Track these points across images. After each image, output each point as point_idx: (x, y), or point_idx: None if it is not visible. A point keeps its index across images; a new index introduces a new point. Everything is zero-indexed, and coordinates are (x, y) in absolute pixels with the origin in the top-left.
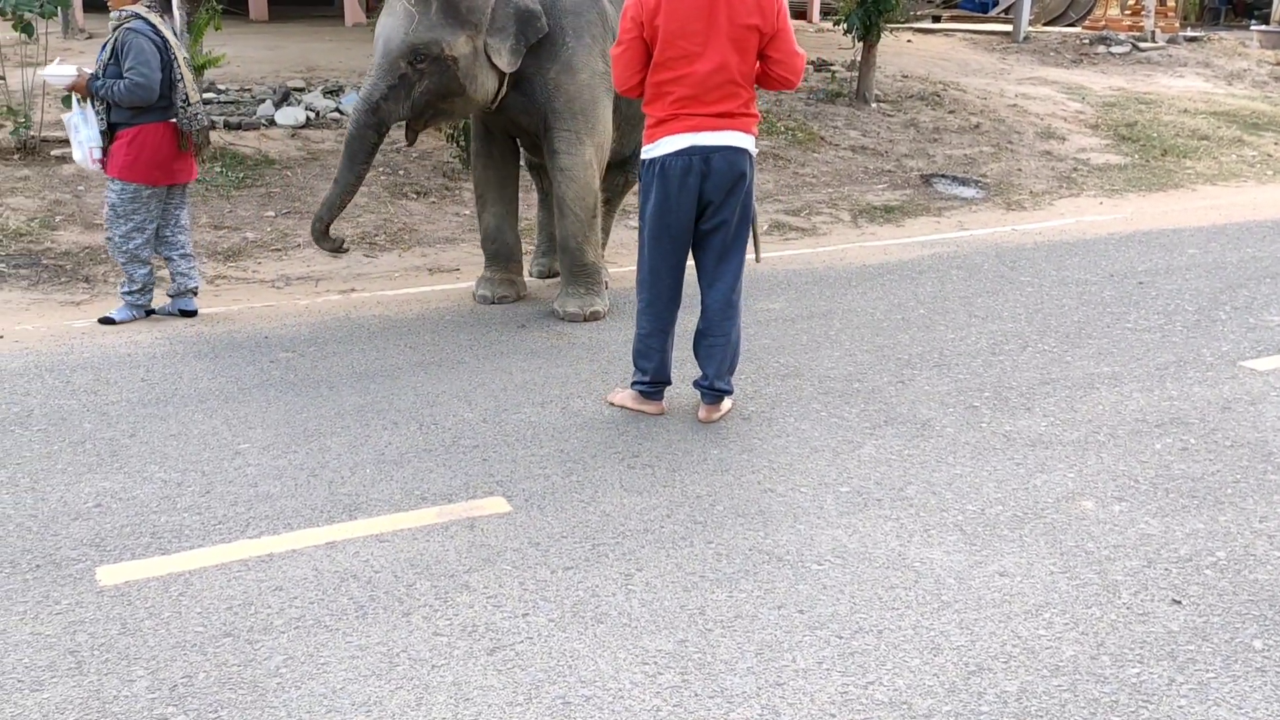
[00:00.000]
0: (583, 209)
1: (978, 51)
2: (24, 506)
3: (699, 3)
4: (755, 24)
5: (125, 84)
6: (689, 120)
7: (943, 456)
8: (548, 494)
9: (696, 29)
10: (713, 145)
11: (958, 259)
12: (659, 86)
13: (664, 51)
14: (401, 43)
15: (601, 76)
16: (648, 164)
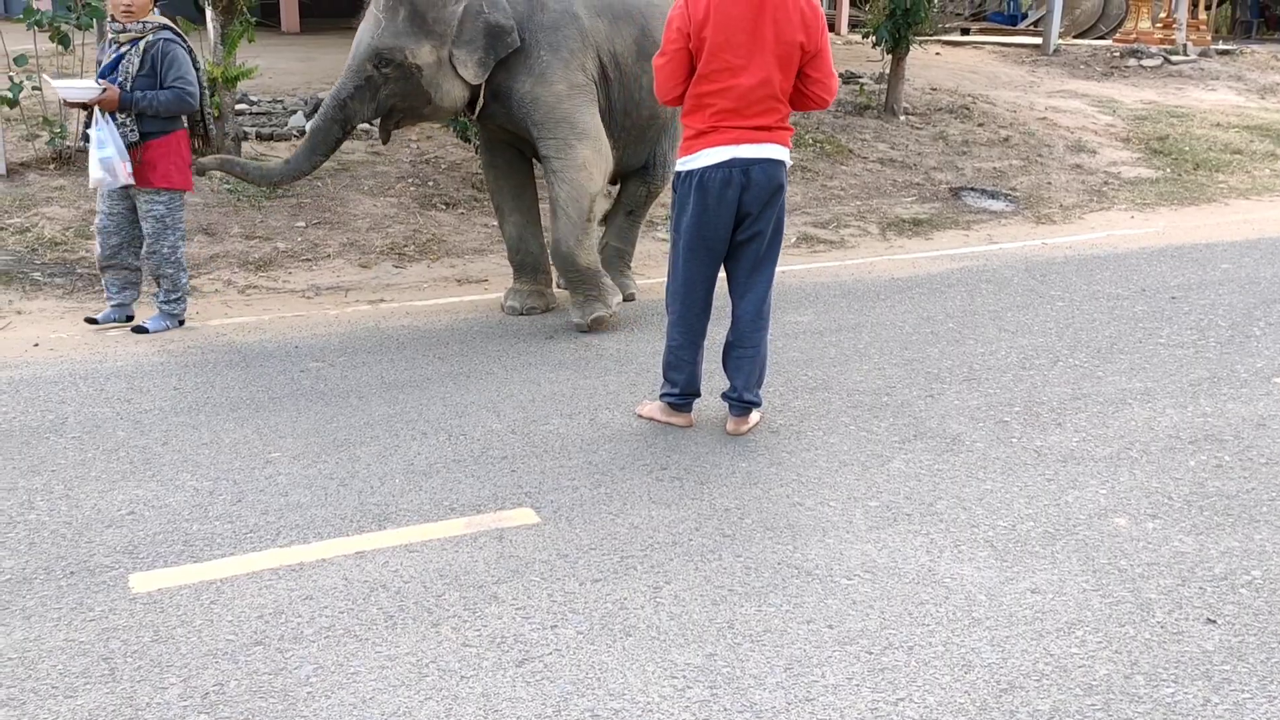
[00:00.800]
0: (577, 211)
1: (1007, 64)
2: (59, 513)
3: (747, 17)
4: (800, 41)
5: (172, 94)
6: (730, 133)
7: (973, 472)
8: (576, 506)
9: (742, 42)
10: (752, 158)
11: (987, 272)
12: (701, 98)
13: (709, 64)
14: (368, 47)
15: (581, 89)
16: (685, 175)
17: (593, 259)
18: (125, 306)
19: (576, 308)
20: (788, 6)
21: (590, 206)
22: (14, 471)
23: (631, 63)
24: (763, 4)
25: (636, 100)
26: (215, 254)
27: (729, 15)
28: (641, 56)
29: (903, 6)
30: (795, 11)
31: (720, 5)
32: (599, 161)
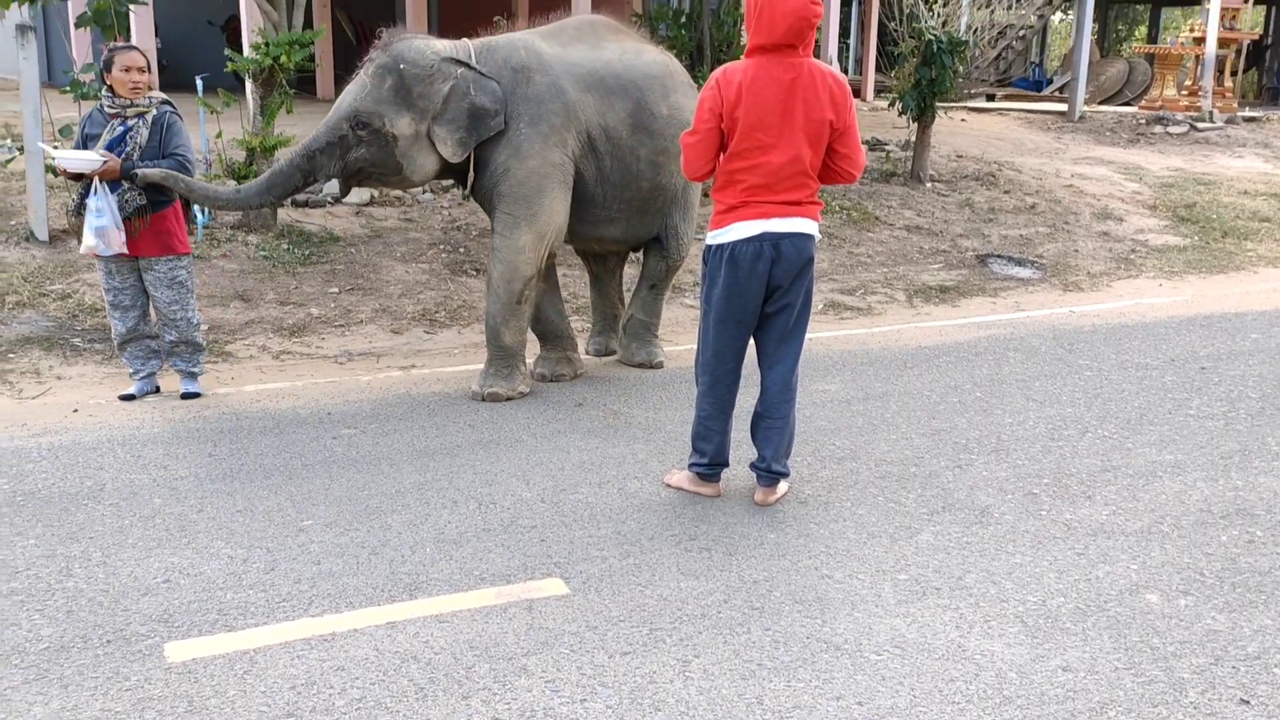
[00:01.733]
0: (506, 291)
1: (1033, 130)
2: (96, 581)
3: (777, 96)
4: (830, 119)
5: (174, 162)
6: (760, 207)
7: (1002, 545)
8: (605, 576)
9: (773, 122)
10: (783, 232)
11: (1014, 341)
12: (732, 174)
13: (741, 142)
14: (349, 107)
15: (555, 167)
16: (716, 249)
17: (518, 339)
18: (152, 377)
19: (481, 376)
20: (817, 85)
21: (522, 290)
22: (53, 538)
23: (626, 136)
24: (794, 83)
25: (634, 173)
26: (250, 320)
27: (761, 95)
28: (637, 130)
29: (928, 76)
30: (824, 90)
31: (752, 86)
32: (539, 247)
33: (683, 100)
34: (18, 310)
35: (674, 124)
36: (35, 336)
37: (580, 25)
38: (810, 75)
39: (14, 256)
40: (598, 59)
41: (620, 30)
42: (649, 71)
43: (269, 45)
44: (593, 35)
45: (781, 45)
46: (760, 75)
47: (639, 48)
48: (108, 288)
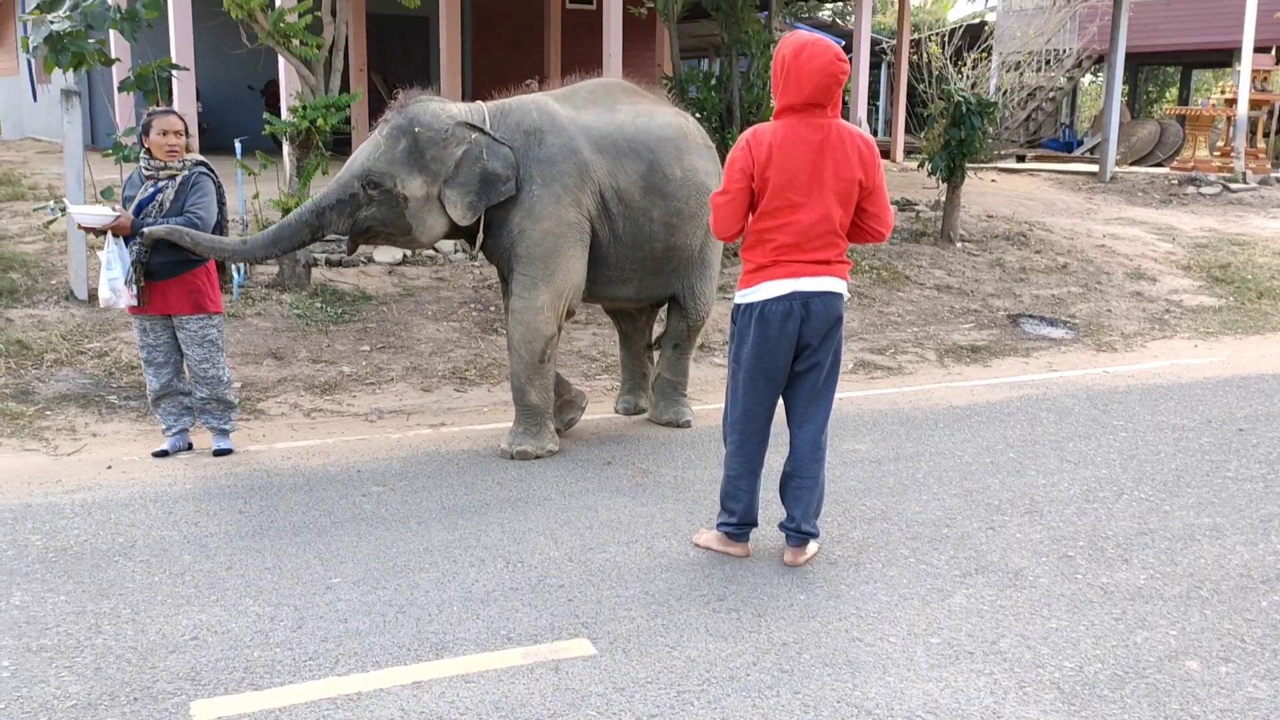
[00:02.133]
0: (529, 351)
1: (1063, 191)
2: (125, 638)
3: (808, 156)
4: (859, 178)
5: (183, 220)
6: (790, 266)
7: (1037, 609)
8: (633, 637)
9: (803, 181)
10: (812, 290)
11: (1047, 401)
12: (761, 234)
13: (771, 201)
14: (361, 166)
15: (571, 226)
16: (745, 308)
17: (544, 397)
18: (185, 434)
19: (510, 434)
20: (846, 146)
21: (543, 349)
22: (84, 595)
23: (638, 197)
24: (823, 144)
25: (647, 234)
26: (283, 378)
27: (792, 155)
28: (650, 191)
29: (957, 137)
30: (854, 151)
31: (783, 146)
32: (557, 305)
33: (697, 162)
34: (56, 368)
35: (688, 186)
36: (72, 394)
37: (595, 88)
38: (839, 135)
39: (54, 315)
40: (610, 121)
41: (636, 92)
42: (662, 134)
43: (306, 108)
44: (607, 98)
45: (810, 104)
46: (790, 135)
47: (653, 110)
48: (142, 344)
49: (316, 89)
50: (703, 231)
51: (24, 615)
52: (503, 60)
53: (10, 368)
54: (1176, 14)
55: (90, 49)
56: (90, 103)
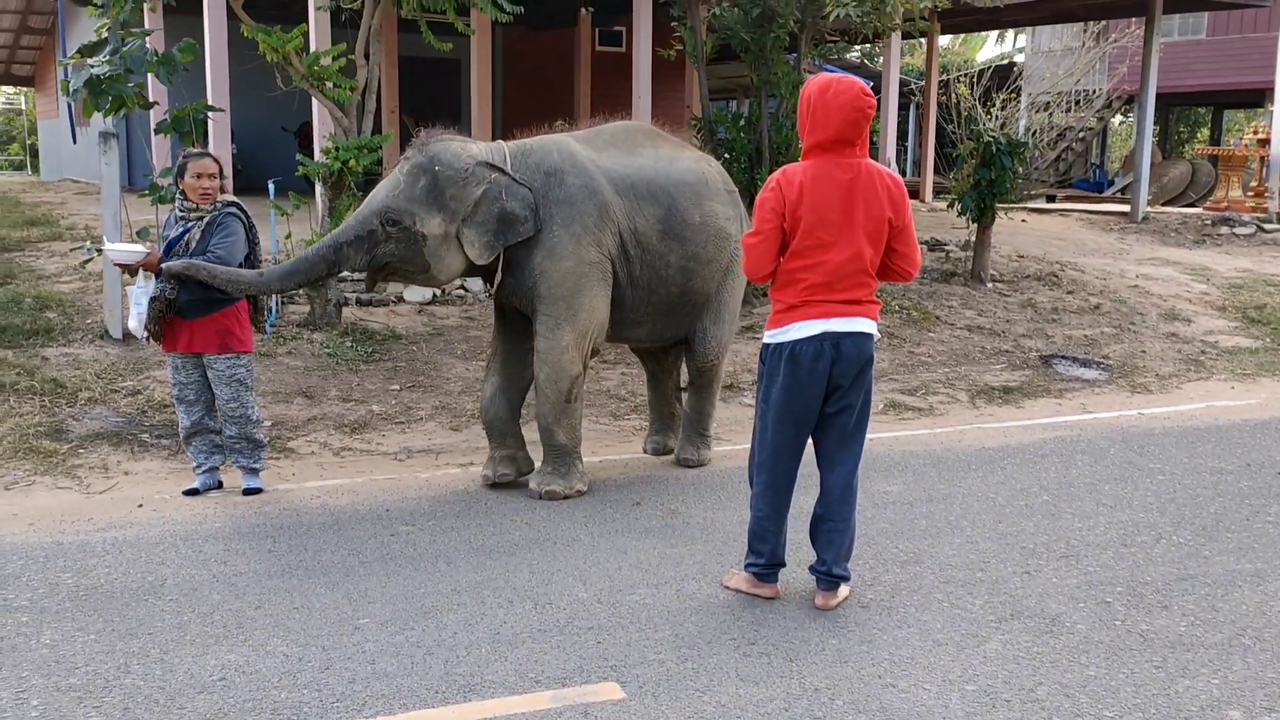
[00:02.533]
0: (554, 391)
1: (1095, 231)
2: (153, 678)
3: (838, 195)
4: (889, 217)
5: (204, 259)
6: (821, 306)
7: (1075, 656)
8: (662, 681)
9: (834, 220)
10: (844, 331)
11: (1082, 443)
12: (792, 274)
13: (802, 241)
14: (381, 203)
15: (593, 265)
16: (775, 348)
17: (572, 436)
18: (215, 471)
19: (540, 475)
20: (875, 185)
21: (569, 389)
22: (113, 634)
23: (656, 241)
24: (853, 183)
25: (663, 278)
26: (313, 416)
27: (823, 195)
28: (667, 236)
29: (987, 177)
30: (883, 190)
31: (814, 186)
32: (582, 345)
33: (716, 208)
34: (89, 406)
35: (706, 231)
36: (105, 432)
37: (617, 131)
38: (869, 175)
39: (89, 354)
40: (630, 164)
41: (659, 136)
42: (682, 179)
43: (339, 150)
44: (628, 141)
45: (839, 141)
46: (820, 175)
47: (675, 154)
48: (174, 382)
49: (349, 130)
50: (720, 276)
51: (53, 654)
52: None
53: (45, 406)
54: (1207, 55)
55: (129, 92)
56: (128, 145)
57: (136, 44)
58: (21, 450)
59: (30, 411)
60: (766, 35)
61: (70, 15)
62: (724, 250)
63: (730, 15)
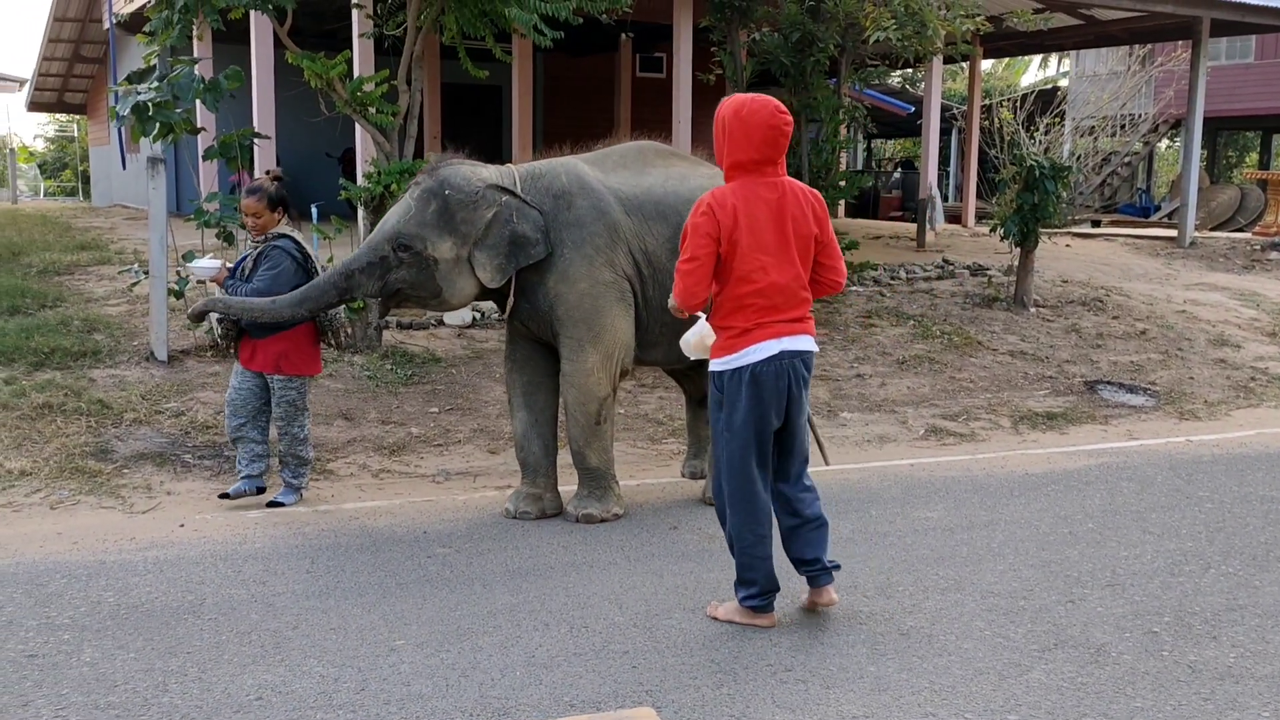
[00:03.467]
0: (584, 414)
1: (1141, 256)
2: (190, 697)
3: (770, 217)
4: (815, 233)
5: (247, 288)
6: (774, 327)
7: (1121, 687)
8: (698, 707)
9: (771, 241)
10: (796, 350)
11: (1128, 470)
12: (740, 299)
13: (745, 264)
14: (392, 228)
15: (608, 286)
16: (734, 374)
17: (604, 459)
18: (255, 478)
19: (576, 499)
20: (800, 202)
21: (598, 411)
22: (152, 652)
23: (665, 260)
24: (780, 202)
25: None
26: (352, 438)
27: (757, 218)
28: (676, 254)
29: (1030, 201)
30: (807, 207)
31: (746, 208)
32: (608, 365)
33: None
34: (134, 427)
35: None
36: (149, 452)
37: (627, 152)
38: (793, 192)
39: (134, 375)
40: (639, 184)
41: (671, 155)
42: (692, 197)
43: (381, 174)
44: (638, 161)
45: (761, 161)
46: (751, 197)
47: (686, 172)
48: (230, 385)
49: (391, 155)
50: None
51: (93, 672)
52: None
53: (91, 426)
54: (1256, 78)
55: (176, 119)
56: (176, 171)
57: (184, 71)
58: (68, 470)
59: (77, 432)
60: (807, 60)
61: (122, 44)
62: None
63: (770, 40)
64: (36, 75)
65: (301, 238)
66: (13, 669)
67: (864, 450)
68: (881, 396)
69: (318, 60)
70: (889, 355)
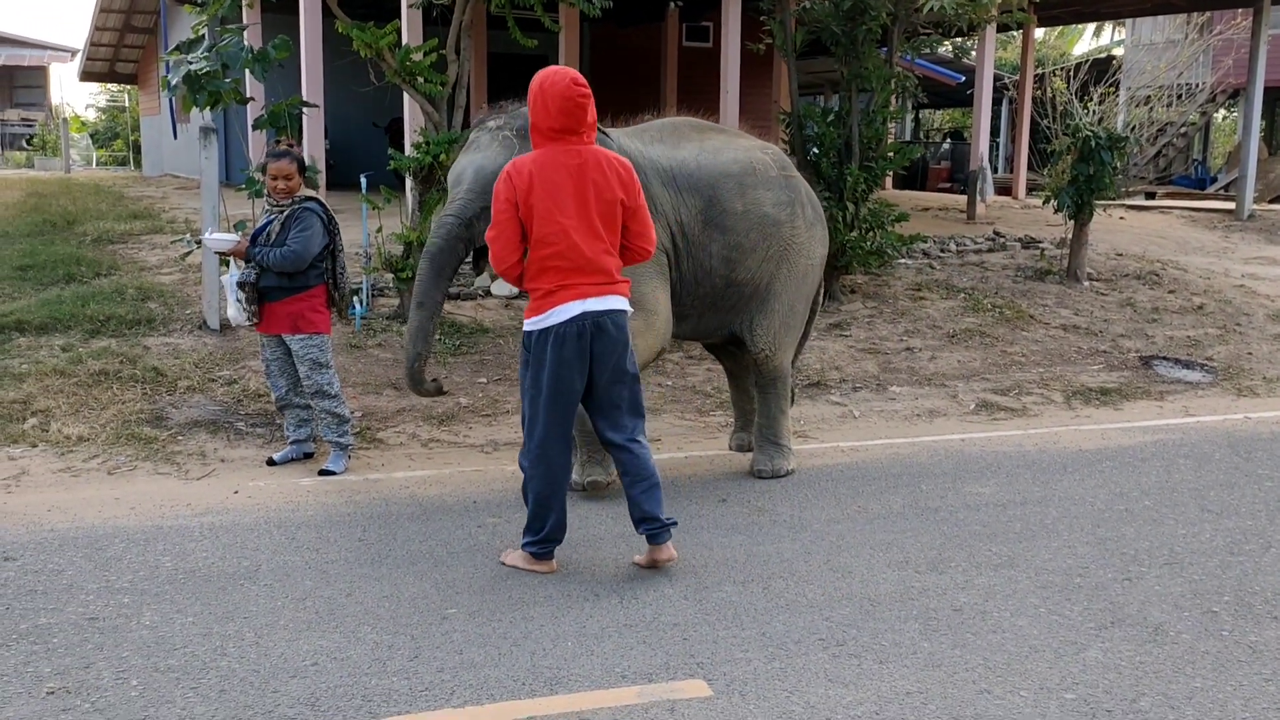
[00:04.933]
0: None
1: (1197, 229)
2: (248, 661)
3: (569, 180)
4: (620, 198)
5: (281, 251)
6: (576, 289)
7: (1180, 666)
8: (749, 680)
9: (569, 204)
10: (601, 309)
11: (1185, 447)
12: (543, 261)
13: (544, 227)
14: (500, 167)
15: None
16: (539, 335)
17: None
18: (303, 443)
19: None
20: (605, 170)
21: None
22: (210, 617)
23: (698, 232)
24: (581, 168)
25: (707, 269)
26: (401, 408)
27: (552, 181)
28: (709, 226)
29: (1085, 173)
30: (612, 173)
31: (542, 172)
32: (646, 334)
33: (763, 195)
34: (188, 395)
35: (749, 220)
36: (203, 420)
37: (664, 126)
38: (597, 160)
39: (188, 344)
40: (673, 157)
41: (707, 129)
42: (726, 170)
43: (429, 144)
44: (674, 136)
45: (562, 130)
46: (548, 162)
47: (721, 145)
48: (263, 358)
49: (440, 125)
50: (770, 266)
51: (153, 635)
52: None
53: (146, 394)
54: None
55: (225, 88)
56: (225, 140)
57: (233, 40)
58: (124, 436)
59: (132, 399)
60: (858, 28)
61: (172, 14)
62: (769, 238)
63: (821, 8)
64: (88, 45)
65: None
66: (74, 631)
67: (913, 424)
68: (931, 370)
69: (367, 29)
70: (939, 329)
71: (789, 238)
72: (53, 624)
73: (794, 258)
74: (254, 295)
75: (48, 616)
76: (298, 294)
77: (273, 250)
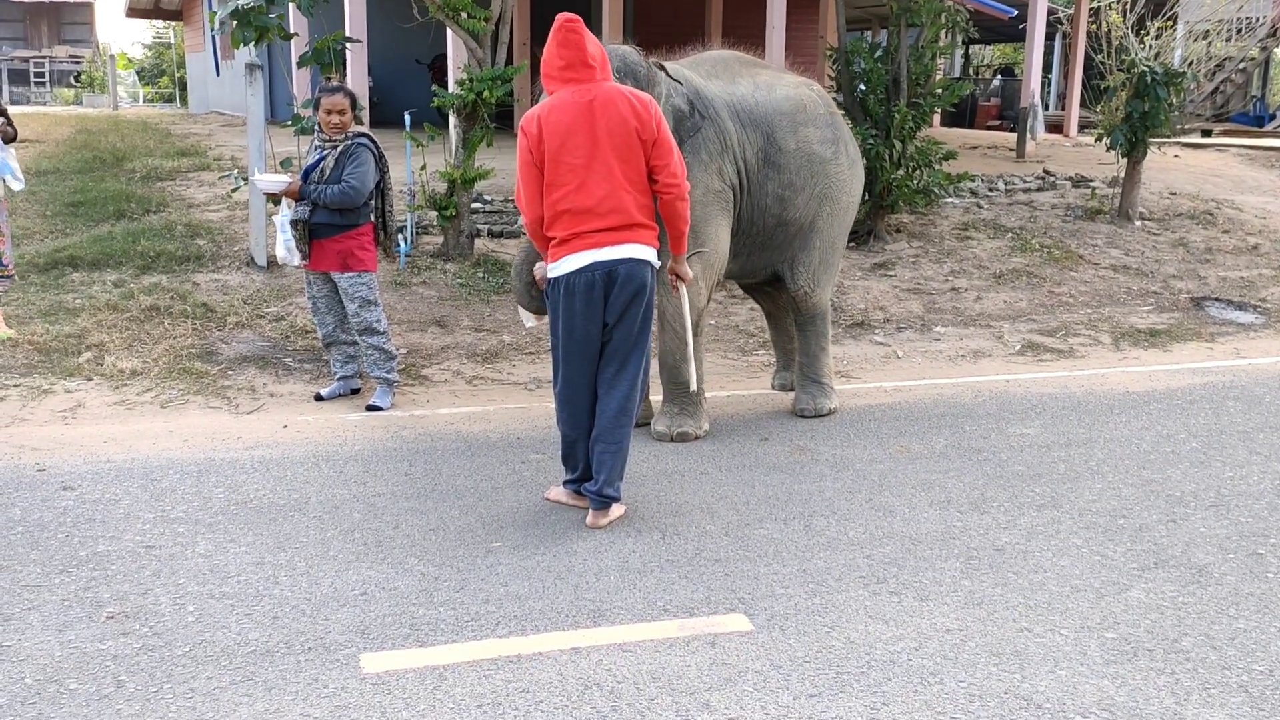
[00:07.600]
0: (681, 325)
1: (1255, 168)
2: (299, 589)
3: (576, 116)
4: (635, 127)
5: (338, 189)
6: (589, 238)
7: (1223, 608)
8: (790, 615)
9: (580, 143)
10: (613, 259)
11: (1234, 389)
12: (554, 207)
13: (553, 171)
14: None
15: (717, 195)
16: (553, 283)
17: (694, 373)
18: (350, 379)
19: (666, 416)
20: (615, 101)
21: (695, 321)
22: (262, 547)
23: (758, 170)
24: (591, 104)
25: (763, 207)
26: (446, 345)
27: (559, 122)
28: (766, 164)
29: (1140, 109)
30: (624, 103)
31: (550, 114)
32: (708, 276)
33: (811, 133)
34: (237, 330)
35: (799, 157)
36: (252, 355)
37: (715, 60)
38: (607, 95)
39: (236, 280)
40: (733, 93)
41: (754, 64)
42: (780, 108)
43: (473, 81)
44: (727, 71)
45: (565, 67)
46: (556, 104)
47: (771, 81)
48: (309, 296)
49: (483, 62)
50: (814, 204)
51: (208, 564)
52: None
53: (196, 329)
54: None
55: (271, 23)
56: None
57: None
58: (176, 371)
59: (183, 334)
60: None
61: None
62: (816, 176)
63: None
64: None
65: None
66: (132, 558)
67: (958, 365)
68: (977, 310)
69: None
70: (985, 269)
71: (834, 175)
72: (111, 551)
73: (836, 195)
74: (305, 233)
75: (106, 544)
76: (347, 231)
77: (329, 187)
